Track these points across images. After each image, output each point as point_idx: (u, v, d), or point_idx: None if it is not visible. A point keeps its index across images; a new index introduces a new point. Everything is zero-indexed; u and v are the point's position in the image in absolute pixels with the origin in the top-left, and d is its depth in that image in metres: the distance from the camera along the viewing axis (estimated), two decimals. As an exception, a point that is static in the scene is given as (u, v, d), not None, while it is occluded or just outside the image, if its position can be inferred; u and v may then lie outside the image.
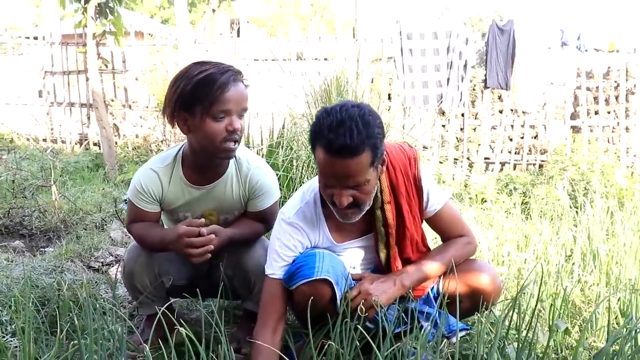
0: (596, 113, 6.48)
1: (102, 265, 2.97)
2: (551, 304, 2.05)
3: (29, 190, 3.57)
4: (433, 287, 1.89)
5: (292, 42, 6.74)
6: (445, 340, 1.83)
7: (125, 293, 2.49)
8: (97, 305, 1.96)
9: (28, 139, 7.34)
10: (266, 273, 1.77)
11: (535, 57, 5.96)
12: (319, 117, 1.58)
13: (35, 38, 7.73)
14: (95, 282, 2.64)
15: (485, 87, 6.24)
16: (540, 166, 6.12)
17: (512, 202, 4.29)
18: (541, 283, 1.75)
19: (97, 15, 5.82)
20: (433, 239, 2.79)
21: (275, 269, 1.75)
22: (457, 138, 6.70)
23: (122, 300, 2.54)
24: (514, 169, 6.41)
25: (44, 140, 7.60)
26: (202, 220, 1.81)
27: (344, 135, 1.49)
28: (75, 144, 7.63)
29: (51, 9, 9.27)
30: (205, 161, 1.90)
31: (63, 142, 7.71)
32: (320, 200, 1.80)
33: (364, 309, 1.61)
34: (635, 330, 1.58)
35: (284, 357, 1.53)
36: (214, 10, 21.00)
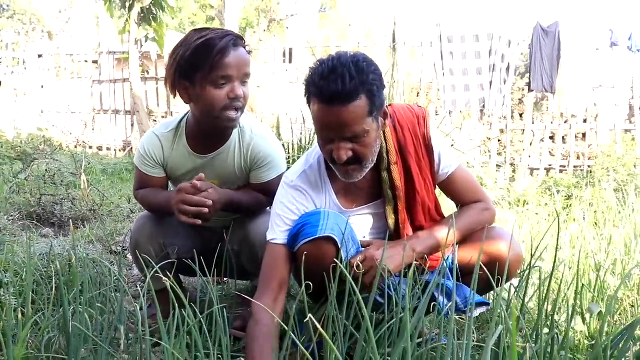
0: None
1: (123, 250, 2.95)
2: (582, 286, 1.86)
3: (60, 178, 3.62)
4: (448, 257, 1.74)
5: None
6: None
7: (139, 274, 2.46)
8: (102, 277, 1.93)
9: (76, 146, 7.56)
10: (267, 239, 1.65)
11: (582, 59, 5.72)
12: (312, 68, 1.49)
13: (88, 61, 8.02)
14: (111, 262, 2.62)
15: (530, 90, 6.00)
16: (589, 172, 5.80)
17: (553, 202, 4.06)
18: (554, 265, 1.59)
19: (140, 22, 5.98)
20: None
21: (277, 233, 1.63)
22: (500, 144, 6.48)
23: (135, 280, 2.50)
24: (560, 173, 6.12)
25: (90, 147, 7.82)
26: (202, 175, 1.73)
27: (335, 81, 1.39)
28: (119, 150, 7.82)
29: (107, 32, 9.62)
30: (208, 130, 1.83)
31: (108, 149, 7.91)
32: (325, 163, 1.69)
33: (359, 266, 1.47)
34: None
35: (284, 325, 1.40)
36: (264, 31, 21.45)
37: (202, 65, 1.66)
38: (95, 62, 8.14)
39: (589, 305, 1.90)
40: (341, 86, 1.39)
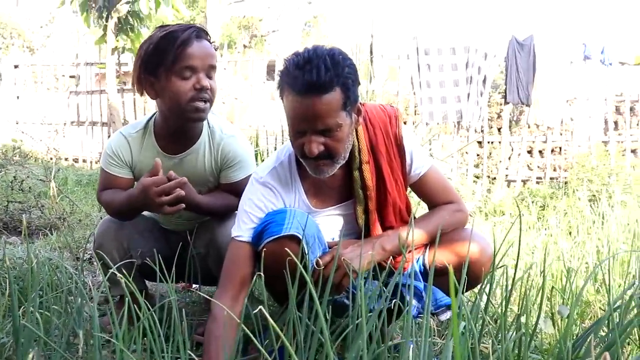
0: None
1: (90, 257, 2.88)
2: (552, 288, 1.84)
3: (28, 185, 3.54)
4: (419, 259, 1.71)
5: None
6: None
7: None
8: (60, 281, 1.87)
9: (51, 158, 7.43)
10: (232, 235, 1.59)
11: (556, 72, 5.79)
12: (287, 59, 1.46)
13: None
14: (76, 269, 2.55)
15: (506, 102, 6.06)
16: (565, 183, 5.86)
17: (529, 212, 4.07)
18: (516, 265, 1.57)
19: (117, 32, 5.93)
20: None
21: (242, 230, 1.57)
22: (478, 157, 6.52)
23: (100, 286, 2.43)
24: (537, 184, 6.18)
25: (66, 159, 7.70)
26: (158, 160, 1.67)
27: (310, 71, 1.37)
28: (95, 162, 7.71)
29: (87, 45, 9.53)
30: (176, 126, 1.80)
31: (84, 161, 7.80)
32: (296, 161, 1.65)
33: (319, 263, 1.43)
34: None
35: (246, 330, 1.34)
36: (245, 46, 21.48)
37: (166, 57, 1.65)
38: (72, 77, 8.03)
39: (558, 307, 1.88)
40: (316, 77, 1.37)
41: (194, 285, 2.33)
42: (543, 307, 1.91)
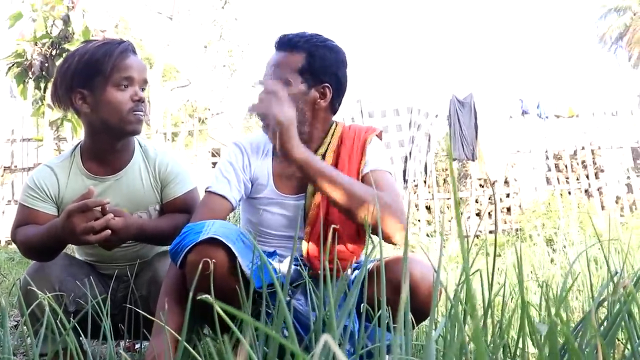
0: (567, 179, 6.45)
1: (17, 325, 2.57)
2: (527, 303, 1.72)
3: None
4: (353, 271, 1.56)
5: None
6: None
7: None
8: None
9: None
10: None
11: (497, 127, 5.99)
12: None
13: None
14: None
15: (453, 159, 6.17)
16: (518, 230, 5.89)
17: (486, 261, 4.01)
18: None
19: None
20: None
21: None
22: (427, 221, 6.52)
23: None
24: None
25: (-2, 242, 7.21)
26: (92, 188, 1.48)
27: (290, 34, 1.58)
28: (31, 243, 7.23)
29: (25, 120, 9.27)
30: (108, 144, 1.66)
31: (19, 242, 7.31)
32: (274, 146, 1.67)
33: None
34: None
35: None
36: (189, 132, 21.53)
37: (103, 68, 1.56)
38: (7, 168, 7.64)
39: (535, 325, 1.75)
40: (289, 37, 1.57)
41: (136, 346, 2.09)
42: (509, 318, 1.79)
